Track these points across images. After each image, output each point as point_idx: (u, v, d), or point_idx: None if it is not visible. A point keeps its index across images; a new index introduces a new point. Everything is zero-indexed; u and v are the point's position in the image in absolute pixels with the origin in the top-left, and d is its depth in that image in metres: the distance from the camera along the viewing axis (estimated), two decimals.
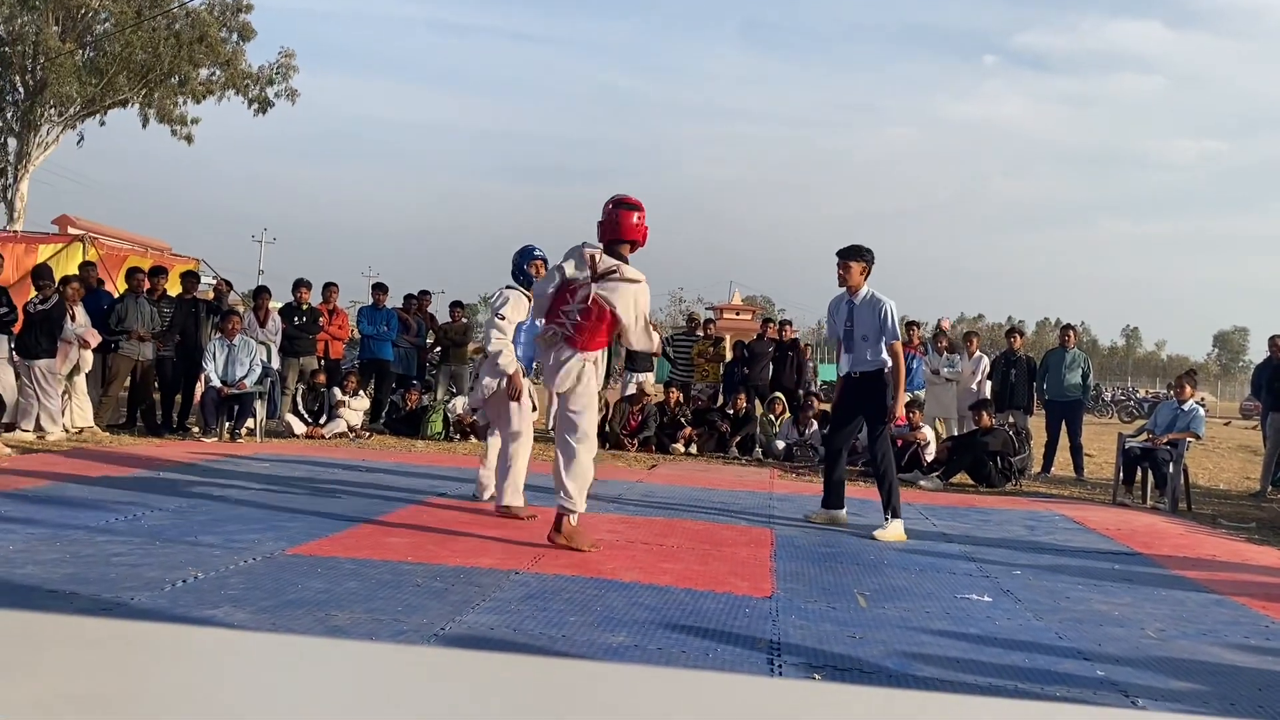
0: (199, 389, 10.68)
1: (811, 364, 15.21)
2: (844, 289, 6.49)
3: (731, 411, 11.92)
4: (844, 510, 6.63)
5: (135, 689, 0.72)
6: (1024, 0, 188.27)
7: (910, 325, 14.07)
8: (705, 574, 4.87)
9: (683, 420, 11.90)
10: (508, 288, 6.21)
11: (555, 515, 5.28)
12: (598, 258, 5.12)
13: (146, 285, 10.56)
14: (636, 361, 13.33)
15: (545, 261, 6.26)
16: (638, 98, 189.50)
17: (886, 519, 6.24)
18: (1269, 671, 3.74)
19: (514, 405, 6.02)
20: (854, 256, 6.44)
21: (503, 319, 6.00)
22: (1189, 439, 9.22)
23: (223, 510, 5.90)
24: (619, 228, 5.14)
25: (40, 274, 9.97)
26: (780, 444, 11.46)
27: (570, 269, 5.16)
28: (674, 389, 12.57)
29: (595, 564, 4.94)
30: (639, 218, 5.18)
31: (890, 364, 6.36)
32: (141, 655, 0.79)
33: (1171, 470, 8.89)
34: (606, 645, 3.60)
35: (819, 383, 23.27)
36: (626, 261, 5.16)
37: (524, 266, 6.31)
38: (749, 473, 9.91)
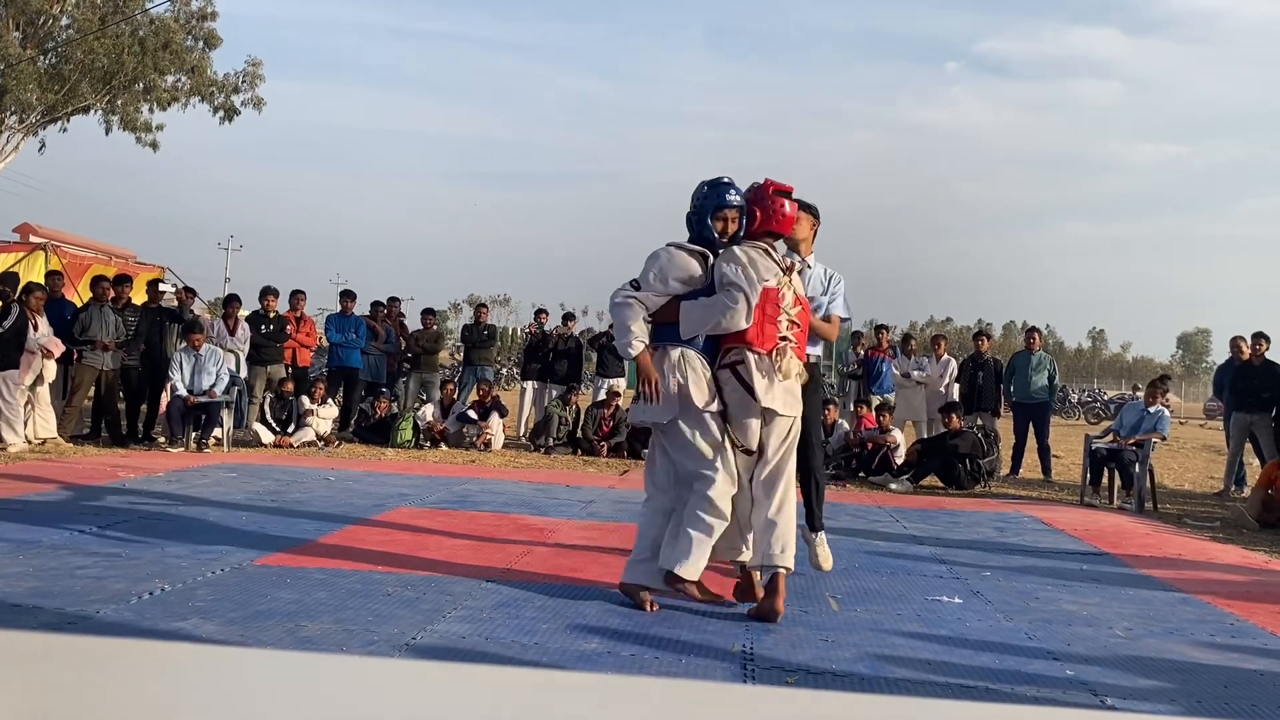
0: (165, 398, 10.56)
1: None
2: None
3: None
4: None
5: (97, 707, 0.71)
6: (984, 8, 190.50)
7: (879, 329, 14.18)
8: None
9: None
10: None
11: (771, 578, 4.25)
12: (773, 252, 4.38)
13: (111, 294, 10.43)
14: (608, 367, 13.32)
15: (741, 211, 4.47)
16: (604, 103, 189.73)
17: (815, 537, 5.21)
18: (1234, 669, 3.79)
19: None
20: (804, 208, 5.03)
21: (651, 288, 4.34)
22: (1154, 440, 9.34)
23: (190, 521, 5.83)
24: (781, 219, 4.38)
25: (2, 283, 9.83)
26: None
27: (761, 271, 4.24)
28: None
29: (568, 572, 4.93)
30: (792, 208, 4.48)
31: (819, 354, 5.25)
32: (104, 672, 0.77)
33: (1137, 471, 9.00)
34: (579, 653, 3.59)
35: None
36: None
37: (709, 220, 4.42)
38: None
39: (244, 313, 11.99)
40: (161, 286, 11.90)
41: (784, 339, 4.24)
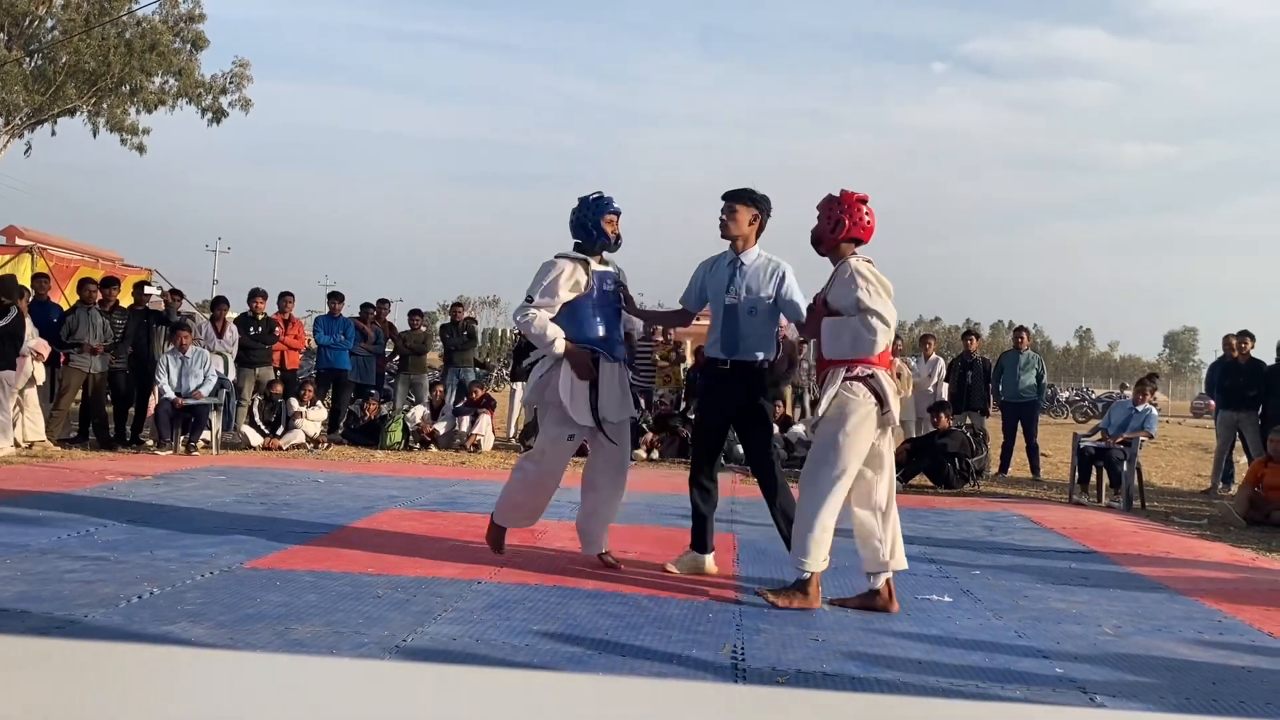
0: (153, 401, 10.52)
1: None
2: (729, 247, 5.01)
3: (693, 417, 11.92)
4: (711, 555, 5.08)
5: (86, 710, 0.71)
6: (971, 8, 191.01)
7: None
8: (669, 580, 4.86)
9: (644, 426, 11.89)
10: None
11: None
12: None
13: (98, 296, 10.38)
14: None
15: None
16: (592, 104, 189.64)
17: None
18: (1222, 666, 3.81)
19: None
20: (747, 199, 4.95)
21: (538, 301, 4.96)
22: (1142, 438, 9.38)
23: (178, 524, 5.81)
24: (866, 226, 4.57)
25: (4, 286, 9.73)
26: (740, 449, 11.48)
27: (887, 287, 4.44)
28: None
29: (558, 573, 4.93)
30: (872, 213, 4.63)
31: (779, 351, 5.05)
32: (93, 675, 0.77)
33: (1126, 469, 9.04)
34: (570, 654, 3.59)
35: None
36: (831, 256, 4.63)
37: (600, 222, 5.09)
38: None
39: (232, 315, 11.95)
40: (147, 289, 11.84)
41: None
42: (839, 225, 4.50)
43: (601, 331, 5.05)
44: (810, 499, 4.36)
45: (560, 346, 4.90)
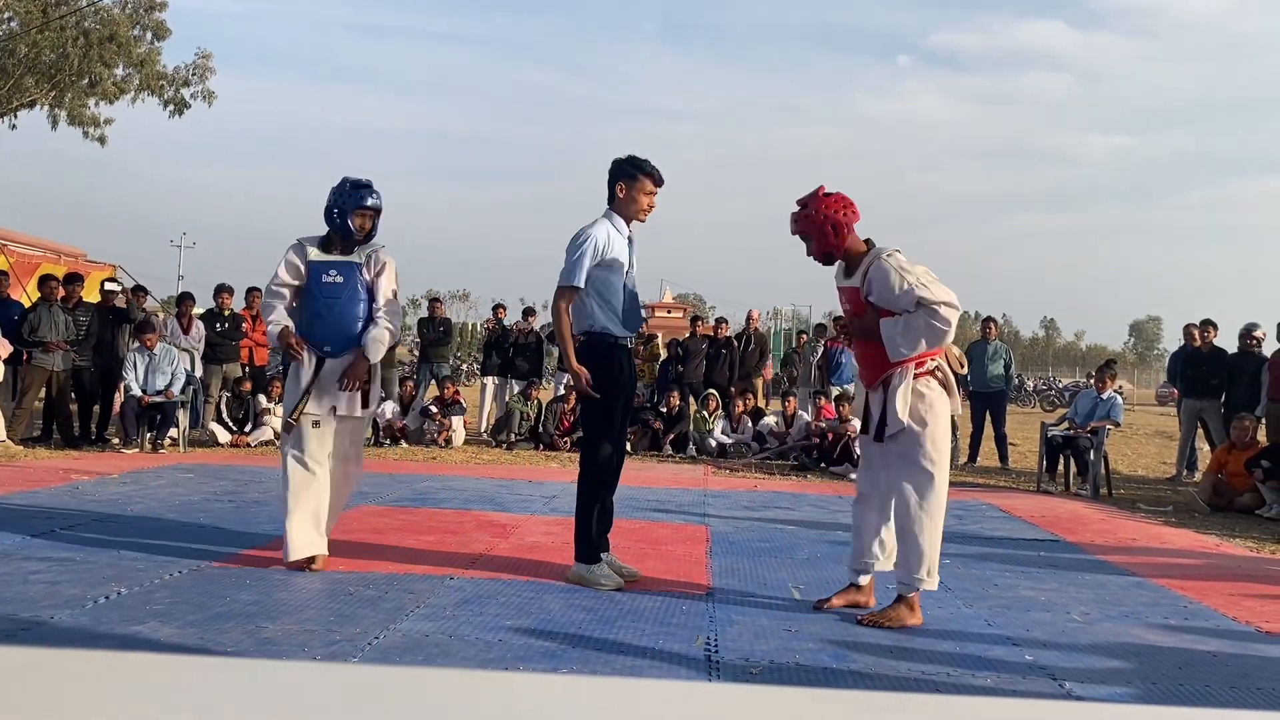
0: (118, 399, 10.38)
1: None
2: (628, 221, 4.74)
3: (665, 409, 11.95)
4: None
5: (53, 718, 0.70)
6: (935, 2, 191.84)
7: (838, 319, 14.24)
8: (642, 572, 4.87)
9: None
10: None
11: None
12: None
13: (61, 293, 10.23)
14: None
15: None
16: (561, 97, 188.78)
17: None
18: (1188, 650, 3.87)
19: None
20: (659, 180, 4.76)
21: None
22: (1109, 426, 9.49)
23: (146, 523, 5.74)
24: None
25: None
26: (713, 441, 11.52)
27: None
28: None
29: (532, 568, 4.92)
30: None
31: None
32: (60, 680, 0.76)
33: (1093, 458, 9.15)
34: (544, 649, 3.58)
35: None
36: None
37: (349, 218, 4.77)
38: (683, 470, 9.94)
39: (198, 311, 11.81)
40: (108, 286, 11.63)
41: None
42: (838, 226, 4.16)
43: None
44: (926, 513, 4.05)
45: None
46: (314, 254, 4.86)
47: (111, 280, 12.38)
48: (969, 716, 0.79)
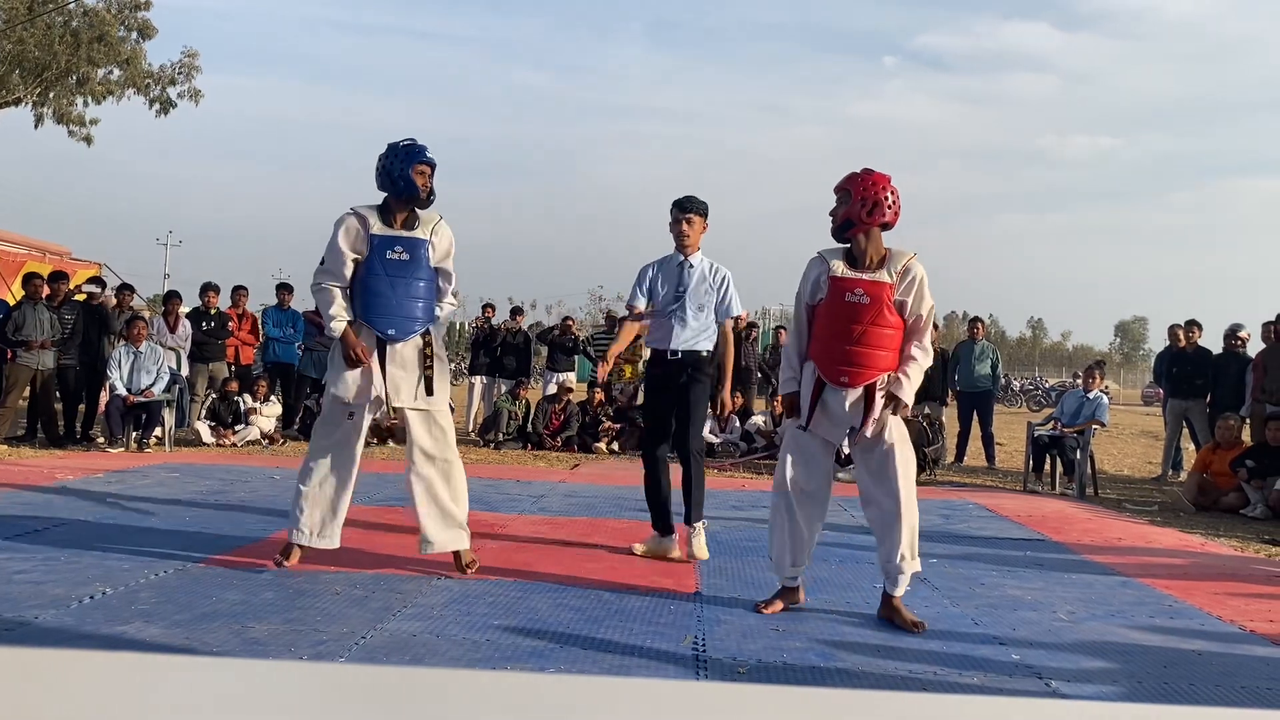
0: (103, 398, 10.33)
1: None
2: (677, 250, 5.35)
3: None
4: (675, 538, 5.35)
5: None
6: (921, 3, 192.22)
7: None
8: (630, 572, 4.87)
9: (605, 419, 11.89)
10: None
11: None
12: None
13: (45, 291, 10.17)
14: (558, 361, 13.30)
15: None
16: (547, 96, 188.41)
17: (695, 527, 5.29)
18: (1173, 649, 3.89)
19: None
20: (702, 211, 5.36)
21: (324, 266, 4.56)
22: (1095, 426, 9.54)
23: (131, 522, 5.71)
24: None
25: None
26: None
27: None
28: (596, 388, 12.56)
29: (520, 567, 4.91)
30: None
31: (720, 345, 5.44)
32: (42, 684, 0.75)
33: (1079, 457, 9.18)
34: (532, 648, 3.58)
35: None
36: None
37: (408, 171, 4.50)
38: (672, 470, 9.91)
39: (184, 309, 11.76)
40: (86, 288, 11.52)
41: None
42: (876, 207, 4.06)
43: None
44: (912, 502, 4.16)
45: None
46: (376, 226, 4.46)
47: (93, 281, 12.29)
48: (956, 715, 0.79)
